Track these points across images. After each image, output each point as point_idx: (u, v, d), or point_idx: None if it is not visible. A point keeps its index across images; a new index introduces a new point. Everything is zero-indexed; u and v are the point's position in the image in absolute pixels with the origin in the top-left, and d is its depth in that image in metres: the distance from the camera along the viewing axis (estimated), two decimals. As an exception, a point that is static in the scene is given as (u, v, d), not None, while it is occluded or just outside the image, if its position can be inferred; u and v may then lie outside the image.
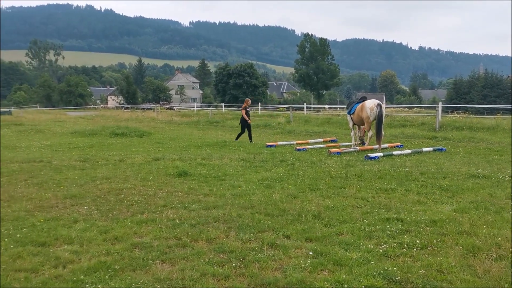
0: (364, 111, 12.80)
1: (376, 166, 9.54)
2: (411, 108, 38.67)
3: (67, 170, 9.29)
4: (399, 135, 17.43)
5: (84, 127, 22.40)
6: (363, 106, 12.92)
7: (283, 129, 22.32)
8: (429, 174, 8.53)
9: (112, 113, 42.14)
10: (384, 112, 12.99)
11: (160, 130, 22.94)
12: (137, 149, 13.51)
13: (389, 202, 6.31)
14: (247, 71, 72.64)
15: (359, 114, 13.06)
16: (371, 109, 12.63)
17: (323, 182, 7.83)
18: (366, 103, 12.92)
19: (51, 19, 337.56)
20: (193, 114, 36.41)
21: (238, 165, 9.92)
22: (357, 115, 13.18)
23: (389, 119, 22.20)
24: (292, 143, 14.96)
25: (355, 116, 13.41)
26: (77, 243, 4.67)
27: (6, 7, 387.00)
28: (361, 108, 13.01)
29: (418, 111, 33.52)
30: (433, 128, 18.43)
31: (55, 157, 11.18)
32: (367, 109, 12.73)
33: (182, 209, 6.03)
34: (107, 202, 6.47)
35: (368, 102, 12.96)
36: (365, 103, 12.98)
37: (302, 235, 4.87)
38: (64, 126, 24.97)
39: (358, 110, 13.12)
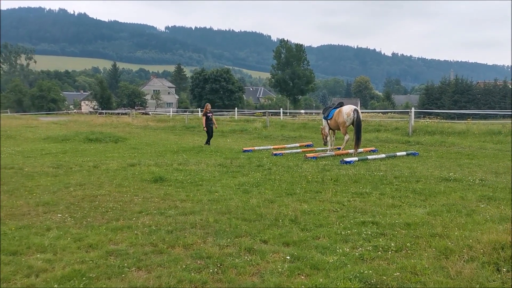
0: (341, 116, 13.01)
1: (351, 170, 9.68)
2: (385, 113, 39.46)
3: (39, 176, 9.06)
4: (373, 140, 17.74)
5: (57, 133, 21.90)
6: (340, 112, 13.12)
7: (260, 134, 22.40)
8: (403, 178, 8.71)
9: (86, 118, 41.38)
10: (361, 117, 13.26)
11: (135, 135, 22.65)
12: (112, 155, 13.30)
13: (364, 206, 6.41)
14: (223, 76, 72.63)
15: (336, 119, 13.27)
16: (348, 115, 12.84)
17: (300, 187, 7.89)
18: (343, 109, 13.12)
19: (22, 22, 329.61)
20: (169, 119, 36.10)
21: (215, 170, 9.89)
22: (334, 120, 13.39)
23: (364, 124, 22.51)
24: (269, 148, 15.03)
25: (332, 121, 13.58)
26: (50, 251, 4.55)
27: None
28: (338, 113, 13.21)
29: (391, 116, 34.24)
30: (406, 133, 18.85)
31: (26, 164, 10.89)
32: (343, 114, 12.95)
33: (158, 215, 5.97)
34: (81, 209, 6.34)
35: (345, 107, 13.17)
36: (342, 109, 13.17)
37: (279, 240, 4.90)
38: (36, 131, 24.35)
39: (335, 115, 13.32)
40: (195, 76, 77.78)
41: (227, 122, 30.97)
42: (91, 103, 76.70)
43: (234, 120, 32.82)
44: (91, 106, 74.16)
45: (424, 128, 19.12)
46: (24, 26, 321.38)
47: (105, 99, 71.72)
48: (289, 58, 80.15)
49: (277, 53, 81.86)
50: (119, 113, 53.43)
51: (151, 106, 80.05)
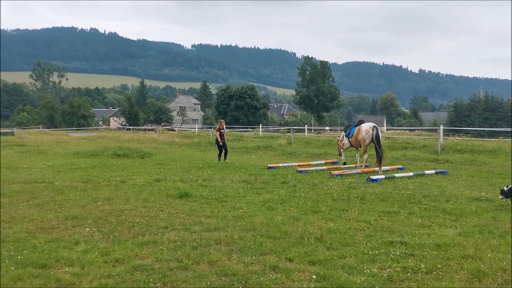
0: (360, 133, 13.18)
1: (378, 188, 9.52)
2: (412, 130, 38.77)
3: (68, 191, 9.27)
4: (400, 158, 17.42)
5: (86, 148, 22.43)
6: (360, 129, 13.31)
7: (284, 150, 22.33)
8: (432, 197, 8.50)
9: (114, 134, 42.26)
10: (380, 134, 13.37)
11: (161, 151, 22.97)
12: (139, 170, 13.50)
13: (392, 225, 6.27)
14: (248, 93, 73.26)
15: (357, 137, 13.42)
16: (367, 132, 12.99)
17: (325, 204, 7.80)
18: (362, 126, 13.31)
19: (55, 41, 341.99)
20: (194, 136, 36.51)
21: (240, 187, 9.90)
22: (355, 138, 13.54)
23: (390, 141, 22.23)
24: (294, 164, 14.95)
25: (353, 139, 13.75)
26: (78, 265, 4.62)
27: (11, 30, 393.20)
28: (358, 131, 13.40)
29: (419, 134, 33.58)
30: (434, 151, 18.44)
31: (57, 178, 11.17)
32: (363, 131, 13.12)
33: (183, 231, 5.99)
34: (108, 223, 6.44)
35: (364, 125, 13.35)
36: (361, 126, 13.39)
37: (304, 258, 4.83)
38: (66, 147, 25.02)
39: (356, 133, 13.52)
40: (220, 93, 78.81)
41: (252, 138, 31.06)
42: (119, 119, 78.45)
43: (259, 136, 32.90)
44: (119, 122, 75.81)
45: (454, 146, 18.67)
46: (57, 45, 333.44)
47: (132, 115, 73.32)
48: (313, 75, 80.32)
49: (301, 70, 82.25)
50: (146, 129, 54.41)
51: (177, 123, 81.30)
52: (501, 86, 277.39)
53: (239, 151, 23.42)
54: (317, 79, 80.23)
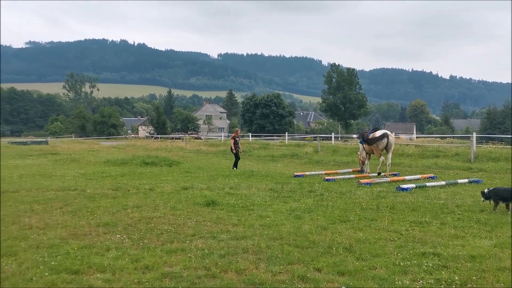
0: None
1: (408, 197, 9.32)
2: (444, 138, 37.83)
3: (100, 198, 9.48)
4: (432, 166, 17.02)
5: (116, 156, 22.92)
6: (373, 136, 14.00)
7: (311, 159, 22.19)
8: (465, 207, 8.25)
9: (143, 142, 43.06)
10: (392, 141, 14.21)
11: (188, 159, 23.22)
12: (167, 178, 13.68)
13: (424, 236, 6.12)
14: (273, 101, 73.26)
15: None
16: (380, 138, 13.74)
17: (354, 214, 7.68)
18: (376, 133, 14.04)
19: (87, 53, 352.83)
20: (220, 144, 36.76)
21: (266, 195, 9.88)
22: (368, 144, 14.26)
23: (421, 149, 21.77)
24: (321, 173, 14.83)
25: (366, 146, 14.47)
26: (109, 271, 4.71)
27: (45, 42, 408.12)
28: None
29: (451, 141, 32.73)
30: (467, 159, 17.93)
31: (88, 186, 11.45)
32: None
33: (211, 239, 6.02)
34: (138, 230, 6.54)
35: (378, 132, 14.12)
36: (375, 133, 14.09)
37: (333, 269, 4.76)
38: (97, 155, 25.63)
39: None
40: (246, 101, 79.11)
41: (278, 146, 31.01)
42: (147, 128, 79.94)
43: (285, 144, 32.82)
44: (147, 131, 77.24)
45: (487, 154, 18.11)
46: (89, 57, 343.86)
47: (160, 124, 74.50)
48: (340, 83, 79.67)
49: (328, 77, 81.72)
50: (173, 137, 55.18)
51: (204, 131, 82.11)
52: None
53: (265, 159, 23.42)
54: (344, 86, 79.55)
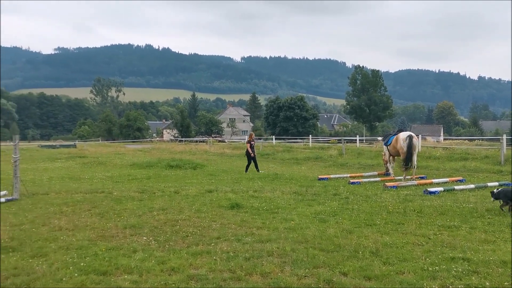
0: (398, 142, 13.70)
1: (436, 201, 9.13)
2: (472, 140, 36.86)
3: (126, 200, 9.65)
4: (460, 169, 16.61)
5: (141, 160, 23.30)
6: (398, 138, 13.87)
7: (335, 161, 21.99)
8: (496, 210, 8.02)
9: (167, 145, 43.61)
10: (417, 143, 14.07)
11: (212, 162, 23.38)
12: (191, 181, 13.81)
13: (453, 240, 5.97)
14: (297, 104, 73.00)
15: (395, 145, 13.98)
16: (404, 140, 13.47)
17: (380, 217, 7.57)
18: (400, 135, 13.87)
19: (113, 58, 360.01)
20: (244, 147, 36.77)
21: (290, 198, 9.85)
22: (393, 146, 14.11)
23: (449, 152, 21.30)
24: (345, 176, 14.68)
25: (391, 148, 14.31)
26: (136, 273, 4.78)
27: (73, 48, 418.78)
28: (396, 139, 13.93)
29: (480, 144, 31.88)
30: (497, 162, 17.42)
31: (115, 188, 11.67)
32: (400, 140, 13.64)
33: (235, 242, 6.04)
34: (163, 232, 6.62)
35: (401, 134, 13.93)
36: (399, 135, 13.92)
37: (360, 273, 4.70)
38: (123, 158, 26.10)
39: (394, 142, 14.05)
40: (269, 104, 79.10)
41: (301, 149, 30.87)
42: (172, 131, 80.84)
43: (308, 147, 32.65)
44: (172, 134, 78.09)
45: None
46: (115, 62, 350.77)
47: (184, 127, 75.25)
48: (365, 84, 78.74)
49: (352, 79, 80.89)
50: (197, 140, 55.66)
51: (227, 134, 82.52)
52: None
53: (289, 162, 23.35)
54: (369, 88, 78.58)
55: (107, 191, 11.00)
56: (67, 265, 5.02)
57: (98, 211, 8.42)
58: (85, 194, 10.56)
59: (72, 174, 16.28)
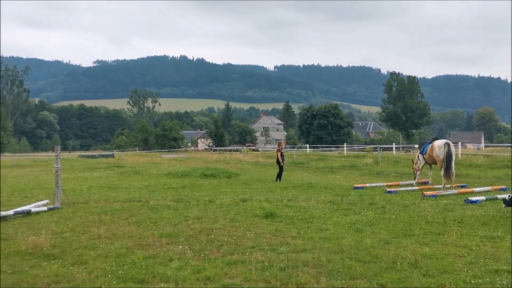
0: (434, 150, 13.45)
1: (478, 211, 8.77)
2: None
3: (162, 209, 9.82)
4: (503, 177, 15.92)
5: (177, 169, 23.67)
6: (433, 146, 13.63)
7: (371, 170, 21.58)
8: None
9: (202, 155, 44.15)
10: (454, 150, 13.67)
11: (246, 171, 23.46)
12: (225, 190, 13.90)
13: (496, 252, 5.72)
14: (331, 112, 72.38)
15: (430, 153, 13.76)
16: (440, 148, 13.24)
17: (419, 227, 7.35)
18: (435, 143, 13.64)
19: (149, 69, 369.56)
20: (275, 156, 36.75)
21: (325, 207, 9.73)
22: (429, 154, 13.91)
23: (490, 159, 20.50)
24: (382, 185, 14.37)
25: (427, 156, 14.10)
26: (172, 281, 4.85)
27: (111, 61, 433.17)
28: (431, 148, 13.70)
29: (523, 150, 30.45)
30: (543, 169, 16.58)
31: (152, 197, 11.90)
32: (436, 148, 13.41)
33: (270, 252, 6.01)
34: (199, 241, 6.68)
35: (437, 141, 13.72)
36: (434, 143, 13.70)
37: (398, 285, 4.58)
38: (159, 167, 26.61)
39: (429, 150, 13.84)
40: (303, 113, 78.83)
41: (336, 157, 30.52)
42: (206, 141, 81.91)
43: (343, 155, 32.24)
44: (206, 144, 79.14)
45: None
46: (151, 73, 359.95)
47: (218, 136, 76.11)
48: (400, 91, 77.28)
49: (387, 86, 79.55)
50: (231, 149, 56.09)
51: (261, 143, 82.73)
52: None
53: (323, 170, 23.12)
54: (405, 95, 77.03)
55: (143, 200, 11.23)
56: (106, 273, 5.15)
57: (135, 219, 8.60)
58: (122, 203, 10.82)
59: (111, 183, 16.73)
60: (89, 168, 26.54)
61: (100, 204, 10.78)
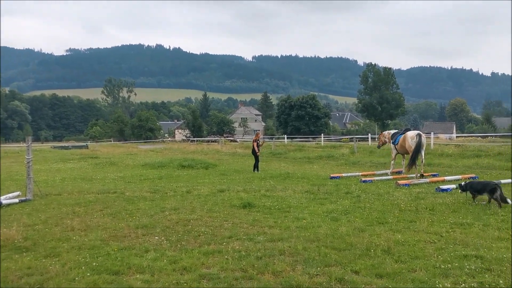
0: (407, 141, 13.92)
1: (449, 198, 9.03)
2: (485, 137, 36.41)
3: (138, 201, 9.73)
4: (473, 166, 16.42)
5: (153, 160, 23.44)
6: (406, 137, 14.07)
7: (347, 160, 21.89)
8: (509, 208, 7.90)
9: (179, 146, 43.81)
10: (425, 142, 14.28)
11: (224, 162, 23.44)
12: (203, 181, 13.87)
13: (465, 238, 5.91)
14: (309, 103, 72.72)
15: (403, 144, 14.19)
16: (412, 138, 13.72)
17: (392, 215, 7.52)
18: (408, 134, 14.09)
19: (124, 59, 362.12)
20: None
21: (302, 197, 9.83)
22: (400, 145, 14.35)
23: (461, 149, 21.05)
24: (357, 174, 14.61)
25: (398, 147, 14.54)
26: (148, 272, 4.82)
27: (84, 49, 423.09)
28: (404, 138, 14.14)
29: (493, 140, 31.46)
30: (511, 158, 17.15)
31: (127, 188, 11.77)
32: (408, 138, 13.88)
33: (247, 241, 6.05)
34: (175, 232, 6.66)
35: (410, 132, 14.17)
36: (407, 134, 14.14)
37: (371, 271, 4.68)
38: (135, 158, 26.30)
39: (401, 141, 14.27)
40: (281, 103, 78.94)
41: (313, 148, 30.80)
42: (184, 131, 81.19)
43: (320, 146, 32.56)
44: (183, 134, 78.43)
45: (533, 153, 17.26)
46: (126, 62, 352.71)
47: (196, 127, 75.54)
48: (377, 82, 78.20)
49: (364, 77, 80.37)
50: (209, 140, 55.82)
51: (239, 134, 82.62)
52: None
53: (301, 161, 23.31)
54: (381, 86, 77.99)
55: (119, 192, 11.10)
56: (80, 265, 5.08)
57: (110, 211, 8.50)
58: (97, 195, 10.67)
59: (85, 175, 16.46)
60: (62, 159, 25.99)
61: (73, 195, 10.60)
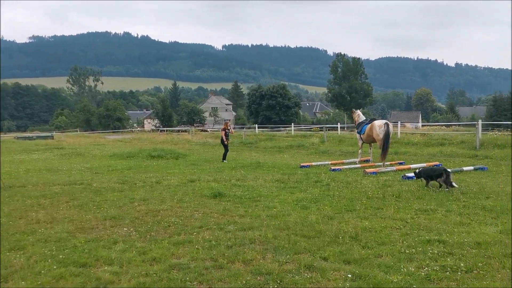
0: (374, 130, 13.92)
1: (414, 186, 9.31)
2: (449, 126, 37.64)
3: (106, 192, 9.55)
4: (437, 154, 16.95)
5: (122, 150, 23.03)
6: (373, 126, 14.10)
7: (317, 149, 22.17)
8: (471, 194, 8.24)
9: (149, 136, 43.17)
10: (392, 131, 14.47)
11: (195, 152, 23.29)
12: (173, 171, 13.75)
13: (429, 223, 6.12)
14: (279, 92, 73.01)
15: (369, 133, 14.25)
16: (380, 127, 13.76)
17: (360, 203, 7.69)
18: (375, 123, 14.13)
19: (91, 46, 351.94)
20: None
21: (273, 186, 9.91)
22: (367, 134, 14.40)
23: (426, 138, 21.68)
24: (327, 163, 14.83)
25: (365, 136, 14.62)
26: (117, 264, 4.76)
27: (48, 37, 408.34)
28: (371, 127, 14.15)
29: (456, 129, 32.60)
30: (473, 147, 17.84)
31: (95, 180, 11.53)
32: (376, 127, 13.89)
33: (218, 230, 6.06)
34: (145, 223, 6.59)
35: (377, 121, 14.23)
36: (374, 123, 14.18)
37: (339, 257, 4.79)
38: (103, 149, 25.77)
39: (368, 130, 14.32)
40: (252, 93, 78.90)
41: (284, 137, 31.00)
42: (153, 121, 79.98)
43: (291, 135, 32.81)
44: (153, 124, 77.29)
45: (493, 141, 17.99)
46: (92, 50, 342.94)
47: (166, 117, 74.58)
48: (346, 72, 79.23)
49: (333, 67, 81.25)
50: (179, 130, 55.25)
51: (210, 123, 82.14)
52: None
53: (271, 150, 23.44)
54: (350, 76, 79.09)
55: (86, 183, 10.86)
56: (46, 258, 4.97)
57: (77, 203, 8.31)
58: (63, 186, 10.41)
59: (50, 166, 16.00)
60: (26, 150, 25.17)
61: (38, 187, 10.30)
